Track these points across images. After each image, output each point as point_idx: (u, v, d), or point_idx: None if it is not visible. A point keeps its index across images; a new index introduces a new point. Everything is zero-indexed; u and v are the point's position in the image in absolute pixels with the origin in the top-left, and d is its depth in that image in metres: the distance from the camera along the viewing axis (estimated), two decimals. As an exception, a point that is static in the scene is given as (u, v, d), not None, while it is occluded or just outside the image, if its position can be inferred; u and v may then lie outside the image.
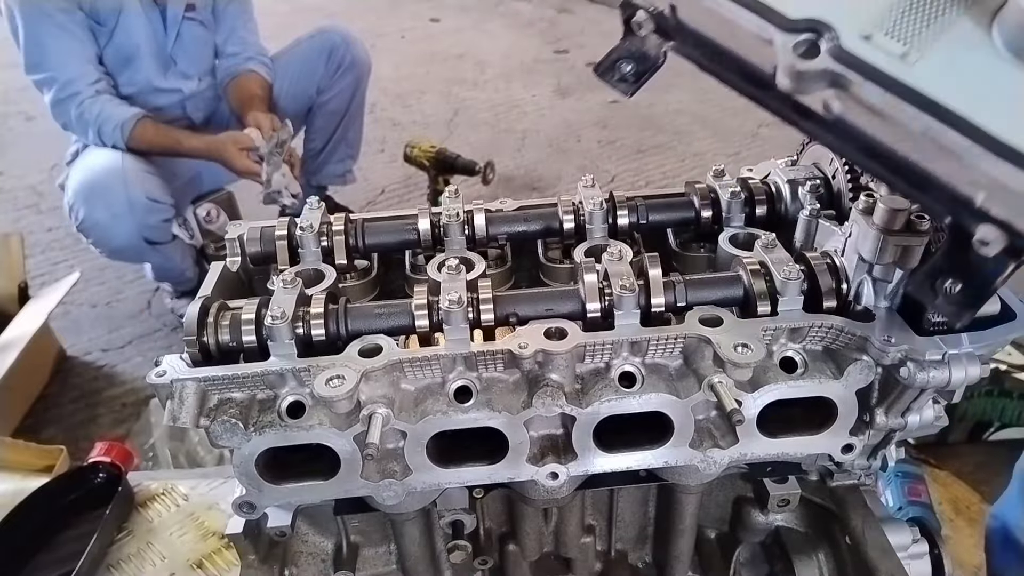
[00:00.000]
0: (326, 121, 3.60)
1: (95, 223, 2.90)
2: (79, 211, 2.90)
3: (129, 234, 2.92)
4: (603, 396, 0.92)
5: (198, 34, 3.18)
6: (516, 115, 5.14)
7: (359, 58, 3.55)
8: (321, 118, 3.58)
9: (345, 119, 3.64)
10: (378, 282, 1.21)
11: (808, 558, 1.22)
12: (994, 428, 2.55)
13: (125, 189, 2.87)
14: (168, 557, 1.72)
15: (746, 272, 0.99)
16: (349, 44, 3.51)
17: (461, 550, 1.14)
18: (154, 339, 3.28)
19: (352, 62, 3.51)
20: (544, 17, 6.86)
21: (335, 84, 3.49)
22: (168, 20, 3.07)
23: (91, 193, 2.87)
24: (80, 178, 2.91)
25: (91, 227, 2.93)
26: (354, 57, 3.52)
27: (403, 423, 0.91)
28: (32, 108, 5.01)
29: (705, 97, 5.25)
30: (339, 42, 3.47)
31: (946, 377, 0.87)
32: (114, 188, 2.86)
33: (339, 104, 3.57)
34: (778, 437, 0.97)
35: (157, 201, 2.96)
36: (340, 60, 3.47)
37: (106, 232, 2.92)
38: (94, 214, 2.88)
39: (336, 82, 3.49)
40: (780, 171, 1.18)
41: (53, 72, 2.88)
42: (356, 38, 3.58)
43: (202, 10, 3.16)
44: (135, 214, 2.89)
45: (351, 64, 3.51)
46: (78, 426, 2.84)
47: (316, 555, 1.23)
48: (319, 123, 3.61)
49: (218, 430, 0.90)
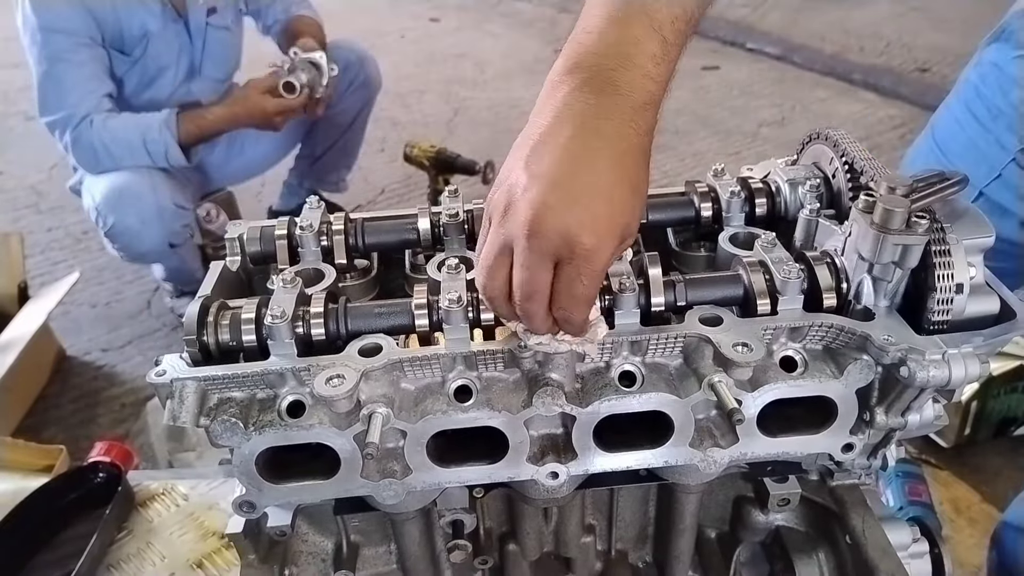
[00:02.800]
0: (329, 132, 3.58)
1: (125, 229, 2.87)
2: (107, 217, 2.86)
3: (157, 239, 2.91)
4: (603, 395, 0.92)
5: (223, 38, 3.15)
6: (516, 115, 5.13)
7: (371, 78, 3.53)
8: (324, 129, 3.56)
9: (348, 132, 3.62)
10: (378, 281, 1.21)
11: (808, 557, 1.22)
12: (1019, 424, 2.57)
13: (154, 195, 2.85)
14: (168, 557, 1.72)
15: (746, 271, 0.99)
16: (363, 63, 3.49)
17: (461, 550, 1.14)
18: (154, 339, 3.27)
19: (364, 82, 3.50)
20: (544, 17, 6.86)
21: (344, 100, 3.46)
22: (192, 31, 3.02)
23: (120, 200, 2.84)
24: (108, 184, 2.86)
25: (120, 233, 2.90)
26: (367, 77, 3.50)
27: (403, 422, 0.91)
28: (32, 108, 4.99)
29: (705, 97, 5.25)
30: (353, 60, 3.43)
31: (946, 376, 0.87)
32: (143, 195, 2.84)
33: (345, 118, 3.55)
34: (778, 436, 0.97)
35: (182, 207, 2.96)
36: (352, 78, 3.44)
37: (135, 238, 2.90)
38: (125, 220, 2.85)
39: (345, 98, 3.46)
40: (780, 170, 1.18)
41: (71, 110, 2.78)
42: (370, 57, 3.55)
43: (223, 12, 3.11)
44: (163, 220, 2.88)
45: (363, 83, 3.49)
46: (78, 426, 2.84)
47: (316, 555, 1.23)
48: (321, 133, 3.58)
49: (218, 429, 0.90)
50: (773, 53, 5.82)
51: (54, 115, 2.82)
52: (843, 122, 4.75)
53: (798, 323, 0.93)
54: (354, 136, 3.69)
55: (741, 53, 5.92)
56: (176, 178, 3.01)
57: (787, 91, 5.32)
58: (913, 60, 5.54)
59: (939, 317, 0.92)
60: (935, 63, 5.45)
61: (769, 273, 0.97)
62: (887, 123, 4.83)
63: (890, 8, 6.44)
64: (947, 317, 0.92)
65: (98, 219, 2.91)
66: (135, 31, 2.87)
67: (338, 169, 3.78)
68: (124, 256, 3.05)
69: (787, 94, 5.27)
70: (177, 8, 2.96)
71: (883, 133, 4.72)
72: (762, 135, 4.76)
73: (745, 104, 5.16)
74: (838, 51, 5.77)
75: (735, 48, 5.97)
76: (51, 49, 2.74)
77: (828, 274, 0.97)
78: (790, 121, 4.90)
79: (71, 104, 2.78)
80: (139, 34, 2.88)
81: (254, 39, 3.46)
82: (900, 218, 0.88)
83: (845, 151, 1.10)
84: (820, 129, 1.18)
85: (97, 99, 2.81)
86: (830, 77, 5.45)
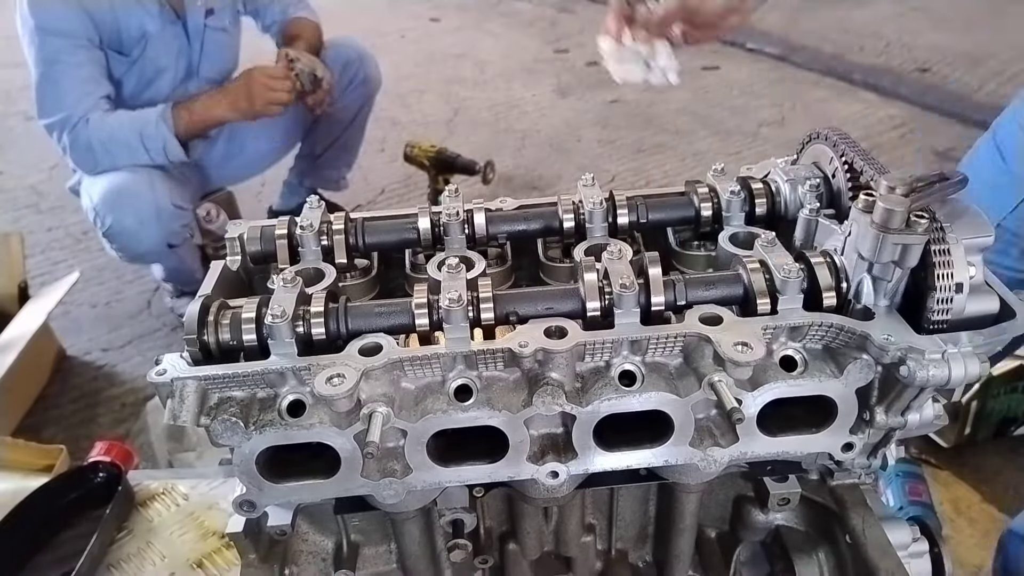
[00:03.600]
0: (329, 130, 3.58)
1: (123, 229, 2.86)
2: (105, 218, 2.85)
3: (155, 240, 2.91)
4: (603, 395, 0.92)
5: (221, 40, 3.15)
6: (516, 115, 5.14)
7: (371, 76, 3.52)
8: (324, 126, 3.56)
9: (349, 130, 3.61)
10: (378, 281, 1.21)
11: (808, 557, 1.22)
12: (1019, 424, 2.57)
13: (153, 195, 2.84)
14: (168, 556, 1.72)
15: (746, 271, 0.99)
16: (363, 60, 3.48)
17: (461, 549, 1.14)
18: (154, 339, 3.28)
19: (364, 79, 3.49)
20: (544, 17, 6.86)
21: (343, 98, 3.46)
22: (191, 32, 3.02)
23: (118, 200, 2.83)
24: (106, 185, 2.85)
25: (118, 233, 2.89)
26: (367, 75, 3.50)
27: (403, 422, 0.91)
28: (32, 108, 5.01)
29: (705, 96, 5.25)
30: (353, 58, 3.44)
31: (946, 375, 0.87)
32: (142, 195, 2.83)
33: (345, 116, 3.55)
34: (778, 436, 0.97)
35: (180, 207, 2.95)
36: (352, 76, 3.44)
37: (133, 238, 2.89)
38: (123, 221, 2.84)
39: (345, 96, 3.46)
40: (780, 170, 1.18)
41: (69, 111, 2.77)
42: (370, 54, 3.55)
43: (220, 13, 3.11)
44: (161, 220, 2.87)
45: (363, 81, 3.49)
46: (78, 426, 2.84)
47: (316, 554, 1.23)
48: (322, 131, 3.58)
49: (218, 429, 0.90)
50: (773, 53, 5.82)
51: (52, 117, 2.81)
52: (843, 122, 4.75)
53: (798, 322, 0.93)
54: (354, 134, 3.68)
55: (741, 53, 5.93)
56: (175, 178, 3.01)
57: (787, 91, 5.33)
58: (913, 60, 5.54)
59: (939, 316, 0.92)
60: (935, 63, 5.45)
61: (769, 272, 0.97)
62: (887, 123, 4.84)
63: (890, 8, 6.44)
64: (947, 316, 0.92)
65: (96, 219, 2.91)
66: (133, 32, 2.87)
67: (338, 167, 3.78)
68: (123, 256, 3.05)
69: (787, 94, 5.27)
70: (175, 9, 2.96)
71: (883, 133, 4.72)
72: (762, 135, 4.77)
73: (745, 104, 5.17)
74: (838, 51, 5.78)
75: (735, 48, 5.97)
76: (48, 51, 2.73)
77: (828, 273, 0.97)
78: (790, 121, 4.91)
79: (68, 105, 2.78)
80: (137, 35, 2.88)
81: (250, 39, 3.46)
82: (900, 217, 0.88)
83: (845, 151, 1.10)
84: (820, 129, 1.18)
85: (94, 100, 2.80)
86: (830, 77, 5.46)
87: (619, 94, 5.28)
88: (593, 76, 5.52)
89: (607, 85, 5.38)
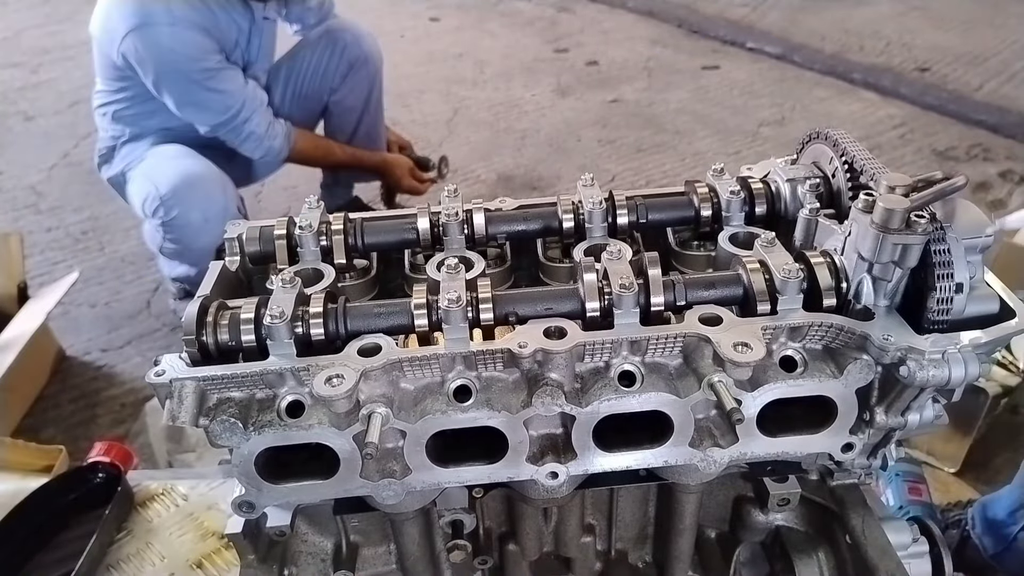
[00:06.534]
0: (343, 119, 3.52)
1: (187, 223, 2.83)
2: (172, 208, 2.81)
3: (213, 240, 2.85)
4: (603, 395, 0.92)
5: (272, 29, 3.17)
6: (516, 114, 5.13)
7: (370, 54, 3.46)
8: (338, 116, 3.51)
9: (364, 115, 3.55)
10: (377, 281, 1.21)
11: (808, 557, 1.22)
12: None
13: (224, 197, 2.85)
14: (168, 557, 1.72)
15: (746, 271, 0.98)
16: (359, 40, 3.43)
17: (461, 550, 1.14)
18: (153, 339, 3.27)
19: (364, 59, 3.43)
20: (544, 16, 6.85)
21: (347, 83, 3.42)
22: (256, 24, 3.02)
23: (191, 193, 2.81)
24: (178, 177, 2.82)
25: (181, 226, 2.84)
26: (366, 54, 3.44)
27: (402, 422, 0.91)
28: (31, 108, 5.01)
29: (705, 96, 5.25)
30: (349, 40, 3.38)
31: (946, 375, 0.87)
32: (214, 194, 2.83)
33: (355, 101, 3.49)
34: (778, 436, 0.97)
35: (242, 214, 2.97)
36: (352, 59, 3.39)
37: (194, 233, 2.85)
38: (189, 214, 2.81)
39: (348, 81, 3.42)
40: (780, 170, 1.18)
41: (237, 106, 2.91)
42: (365, 32, 3.49)
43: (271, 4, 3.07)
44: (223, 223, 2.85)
45: (363, 61, 3.43)
46: (77, 426, 2.84)
47: (316, 555, 1.23)
48: (336, 121, 3.53)
49: (217, 429, 0.90)
50: (773, 52, 5.82)
51: (228, 116, 2.91)
52: (843, 122, 4.75)
53: (798, 323, 0.93)
54: (372, 119, 3.60)
55: (741, 53, 5.92)
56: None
57: (787, 91, 5.32)
58: (913, 60, 5.54)
59: (939, 316, 0.92)
60: (935, 63, 5.45)
61: (769, 273, 0.97)
62: (887, 123, 4.83)
63: (890, 8, 6.43)
64: (947, 316, 0.92)
65: (158, 208, 2.83)
66: (234, 34, 2.91)
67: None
68: (168, 250, 2.98)
69: (787, 94, 5.27)
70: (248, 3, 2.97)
71: (883, 133, 4.72)
72: (762, 135, 4.76)
73: (745, 104, 5.16)
74: (838, 51, 5.77)
75: (735, 48, 5.97)
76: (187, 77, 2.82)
77: (828, 274, 0.97)
78: (790, 121, 4.90)
79: (237, 99, 2.91)
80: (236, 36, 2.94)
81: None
82: (899, 217, 0.88)
83: (845, 151, 1.10)
84: (820, 129, 1.18)
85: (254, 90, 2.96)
86: (830, 77, 5.45)
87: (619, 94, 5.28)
88: (593, 76, 5.52)
89: (607, 85, 5.38)
